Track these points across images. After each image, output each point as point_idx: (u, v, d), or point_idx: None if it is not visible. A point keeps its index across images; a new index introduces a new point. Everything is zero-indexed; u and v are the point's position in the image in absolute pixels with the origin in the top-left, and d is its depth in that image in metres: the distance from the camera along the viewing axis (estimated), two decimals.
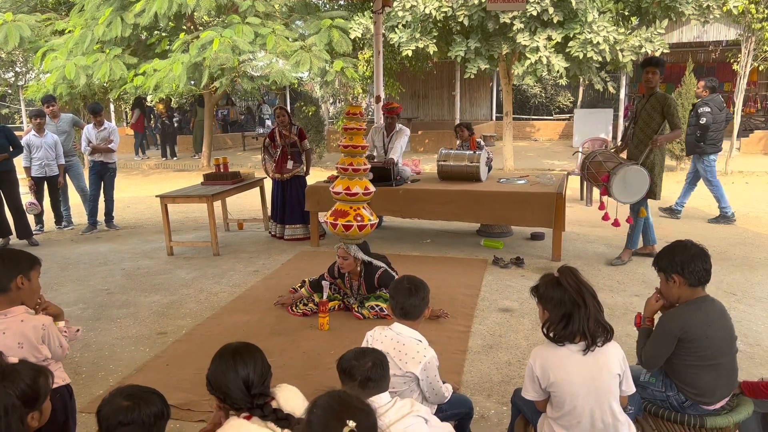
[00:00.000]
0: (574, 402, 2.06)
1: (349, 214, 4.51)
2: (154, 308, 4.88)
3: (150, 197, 10.80)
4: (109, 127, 7.89)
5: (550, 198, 5.76)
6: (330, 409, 1.42)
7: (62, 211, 8.14)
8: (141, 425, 1.65)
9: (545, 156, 14.87)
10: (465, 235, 7.10)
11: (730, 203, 7.65)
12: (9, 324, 2.29)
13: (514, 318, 4.49)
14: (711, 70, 17.72)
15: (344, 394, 1.48)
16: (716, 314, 2.43)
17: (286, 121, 6.90)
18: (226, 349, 1.93)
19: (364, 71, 12.80)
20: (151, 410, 1.67)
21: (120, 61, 11.49)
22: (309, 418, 1.43)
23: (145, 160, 16.41)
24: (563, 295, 2.12)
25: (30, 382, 1.73)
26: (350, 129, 4.58)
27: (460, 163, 6.47)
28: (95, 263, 6.30)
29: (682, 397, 2.41)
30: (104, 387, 3.57)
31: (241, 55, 11.15)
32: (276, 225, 7.12)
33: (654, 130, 5.58)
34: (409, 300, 2.44)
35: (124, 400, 1.66)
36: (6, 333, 2.27)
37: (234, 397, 1.84)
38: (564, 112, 20.81)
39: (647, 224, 5.88)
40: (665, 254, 2.50)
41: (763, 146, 14.13)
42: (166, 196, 6.49)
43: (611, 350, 2.15)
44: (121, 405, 1.65)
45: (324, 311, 4.35)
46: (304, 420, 1.44)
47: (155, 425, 1.68)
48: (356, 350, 2.14)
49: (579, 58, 9.57)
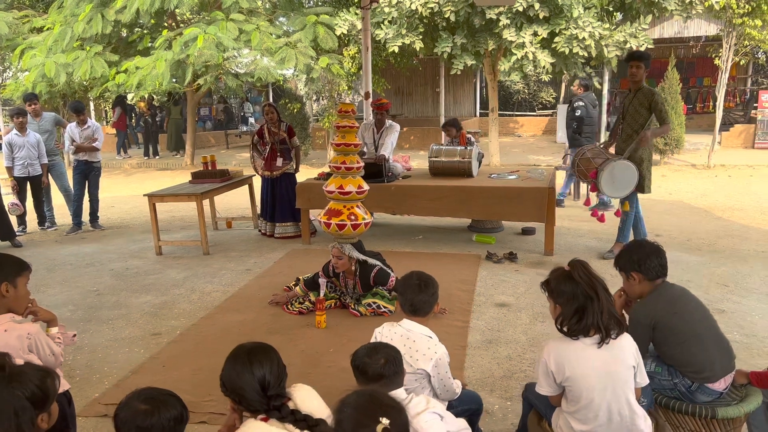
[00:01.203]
0: (590, 395, 2.05)
1: (342, 213, 4.47)
2: (146, 309, 4.80)
3: (134, 196, 10.66)
4: (93, 125, 7.76)
5: (542, 193, 5.78)
6: (361, 407, 1.39)
7: (45, 211, 7.99)
8: (160, 429, 1.60)
9: (530, 151, 14.94)
10: (456, 230, 7.10)
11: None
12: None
13: (511, 313, 4.49)
14: (691, 65, 17.98)
15: (374, 392, 1.45)
16: (677, 294, 2.58)
17: (275, 118, 6.83)
18: (240, 350, 1.88)
19: (350, 68, 12.73)
20: (171, 414, 1.62)
21: (101, 59, 11.29)
22: (339, 418, 1.40)
23: (127, 159, 16.19)
24: (576, 289, 2.11)
25: (38, 384, 1.68)
26: (343, 127, 4.53)
27: (451, 159, 6.46)
28: (82, 264, 6.18)
29: (687, 381, 2.45)
30: (100, 390, 3.49)
31: (226, 52, 11.01)
32: (266, 223, 7.05)
33: (641, 125, 5.61)
34: (418, 296, 2.41)
35: (142, 404, 1.61)
36: None
37: (250, 399, 1.78)
38: (547, 108, 20.94)
39: (637, 218, 5.91)
40: (623, 254, 2.67)
41: (742, 140, 14.35)
42: (155, 195, 6.38)
43: (625, 342, 2.15)
44: (139, 409, 1.60)
45: (321, 309, 4.31)
46: (334, 420, 1.41)
47: (174, 429, 1.63)
48: (369, 347, 2.10)
49: (565, 53, 9.62)
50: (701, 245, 6.19)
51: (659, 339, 2.48)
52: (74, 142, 7.51)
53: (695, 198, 8.92)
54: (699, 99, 17.89)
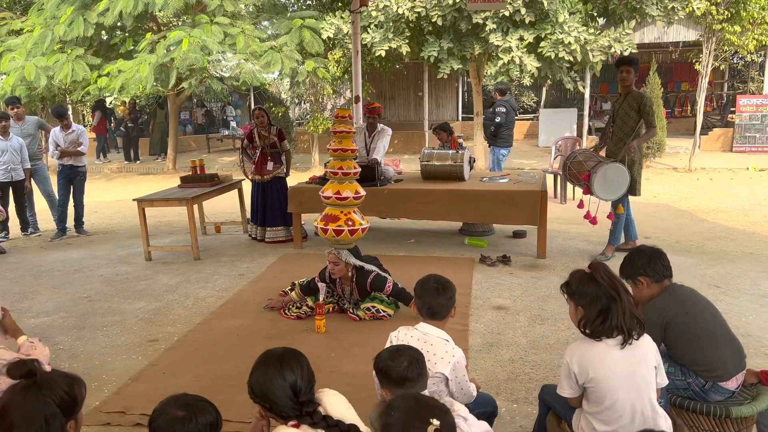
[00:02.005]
0: (614, 397, 2.06)
1: (339, 218, 4.44)
2: (140, 315, 4.72)
3: (117, 201, 10.52)
4: (78, 129, 7.62)
5: (534, 196, 5.82)
6: (410, 410, 1.38)
7: (28, 217, 7.83)
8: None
9: (513, 155, 15.01)
10: (447, 234, 7.11)
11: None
12: None
13: (509, 315, 4.50)
14: (669, 70, 18.28)
15: (419, 395, 1.44)
16: (687, 294, 2.63)
17: (265, 122, 6.78)
18: (270, 355, 1.85)
19: (335, 71, 12.71)
20: (207, 419, 1.59)
21: (82, 62, 11.13)
22: (387, 422, 1.38)
23: (107, 164, 15.95)
24: (598, 290, 2.12)
25: (67, 390, 1.65)
26: (339, 132, 4.51)
27: (443, 163, 6.47)
28: (70, 270, 6.07)
29: (701, 381, 2.48)
30: (99, 398, 3.43)
31: (211, 56, 10.92)
32: (256, 227, 6.99)
33: (632, 128, 5.70)
34: (436, 299, 2.41)
35: (179, 410, 1.58)
36: None
37: (282, 405, 1.75)
38: (528, 113, 21.11)
39: (628, 220, 5.99)
40: (626, 263, 2.72)
41: (721, 144, 14.63)
42: (144, 199, 6.29)
43: (646, 343, 2.16)
44: (176, 415, 1.57)
45: (321, 314, 4.28)
46: (380, 425, 1.39)
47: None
48: (391, 349, 2.09)
49: (551, 58, 9.72)
50: (690, 247, 6.28)
51: (672, 339, 2.51)
52: (59, 147, 7.38)
53: (679, 201, 9.07)
54: (677, 103, 18.19)
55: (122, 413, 3.23)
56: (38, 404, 1.57)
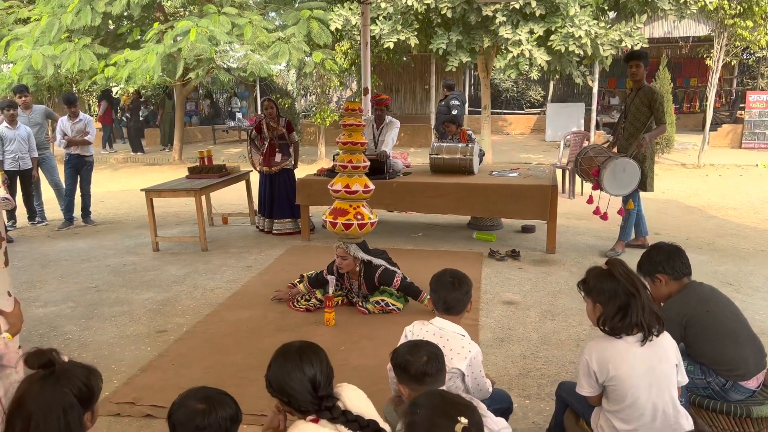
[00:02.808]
0: (635, 395, 2.02)
1: (348, 212, 4.41)
2: (148, 306, 4.71)
3: (124, 191, 10.51)
4: (85, 118, 7.60)
5: (545, 191, 5.77)
6: (436, 408, 1.35)
7: (35, 206, 7.82)
8: (217, 429, 1.55)
9: (520, 150, 14.98)
10: (456, 228, 7.07)
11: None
12: None
13: (519, 310, 4.47)
14: (678, 65, 18.13)
15: (445, 393, 1.40)
16: (707, 292, 2.59)
17: (274, 113, 6.75)
18: (289, 348, 1.82)
19: (342, 63, 12.64)
20: (227, 413, 1.57)
21: (90, 51, 11.05)
22: (412, 420, 1.35)
23: (113, 154, 15.93)
24: (617, 287, 2.08)
25: (85, 381, 1.62)
26: (349, 125, 4.47)
27: (453, 156, 6.43)
28: (77, 260, 6.05)
29: (721, 380, 2.44)
30: (109, 388, 3.40)
31: (218, 46, 10.86)
32: (263, 219, 6.96)
33: (643, 123, 5.64)
34: (452, 294, 2.37)
35: (198, 403, 1.55)
36: None
37: (301, 400, 1.72)
38: (535, 107, 21.01)
39: (639, 216, 5.94)
40: (644, 260, 2.66)
41: (730, 140, 14.52)
42: (152, 190, 6.26)
43: (666, 340, 2.13)
44: (196, 408, 1.54)
45: (330, 306, 4.25)
46: (405, 423, 1.36)
47: (230, 430, 1.57)
48: (409, 344, 2.06)
49: (561, 51, 9.64)
50: (701, 244, 6.23)
51: (692, 337, 2.47)
52: (66, 136, 7.35)
53: (688, 197, 9.00)
54: (686, 99, 18.06)
55: (132, 404, 3.22)
56: (56, 395, 1.55)
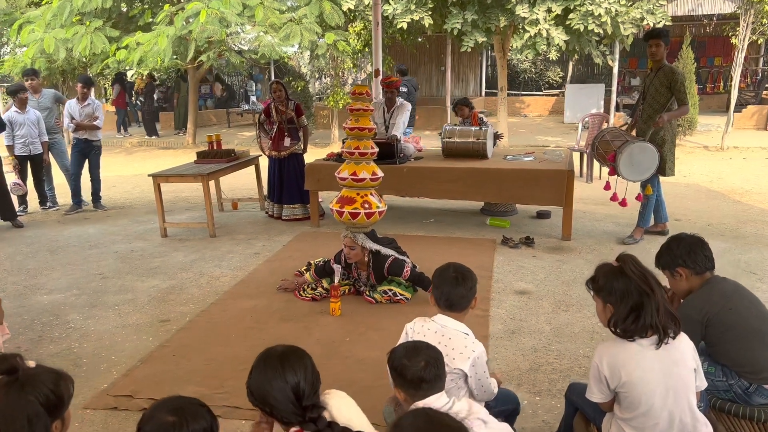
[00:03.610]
0: (650, 402, 1.87)
1: (356, 201, 4.27)
2: (153, 294, 4.63)
3: (136, 176, 10.46)
4: (93, 103, 7.51)
5: (561, 175, 5.58)
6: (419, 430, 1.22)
7: (46, 190, 7.79)
8: None
9: (538, 132, 14.70)
10: (468, 214, 6.91)
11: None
12: None
13: (532, 301, 4.32)
14: (702, 44, 17.61)
15: (431, 411, 1.28)
16: (731, 288, 2.42)
17: (283, 97, 6.60)
18: (270, 354, 1.69)
19: (355, 45, 12.43)
20: (200, 425, 1.45)
21: (101, 34, 10.98)
22: None
23: (127, 138, 15.94)
24: (629, 285, 1.91)
25: (53, 388, 1.51)
26: (356, 110, 4.31)
27: (465, 140, 6.25)
28: (85, 246, 6.01)
29: (744, 383, 2.28)
30: (108, 380, 3.33)
31: (229, 28, 10.72)
32: (273, 205, 6.86)
33: (662, 105, 5.40)
34: (455, 290, 2.23)
35: (168, 415, 1.44)
36: None
37: (283, 410, 1.60)
38: (553, 88, 20.61)
39: (659, 201, 5.73)
40: (664, 252, 2.50)
41: (755, 121, 14.10)
42: (159, 175, 6.18)
43: (683, 342, 1.96)
44: (166, 421, 1.43)
45: (336, 296, 4.14)
46: None
47: None
48: (407, 346, 1.92)
49: (579, 30, 9.34)
50: (723, 230, 6.01)
51: (713, 336, 2.31)
52: (74, 120, 7.28)
53: (711, 181, 8.73)
54: (710, 79, 17.56)
55: (129, 397, 3.14)
56: (20, 403, 1.44)
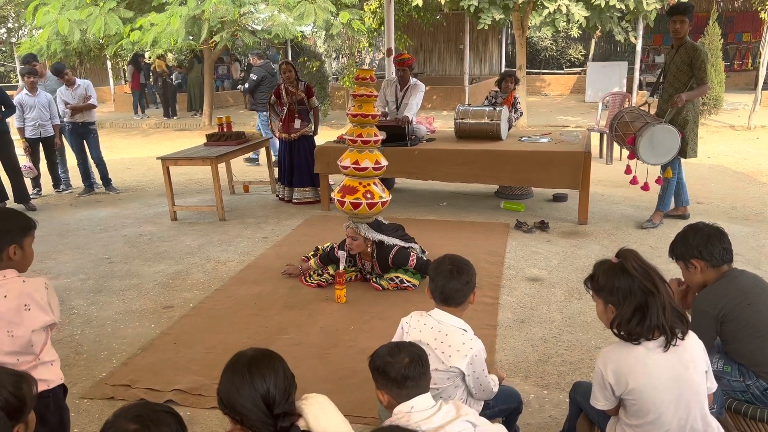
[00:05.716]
0: (659, 409, 1.73)
1: (358, 190, 4.17)
2: (158, 279, 4.59)
3: (151, 158, 10.42)
4: (83, 83, 7.38)
5: (577, 157, 5.39)
6: None
7: (60, 173, 7.79)
8: None
9: (558, 112, 14.38)
10: (482, 197, 6.75)
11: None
12: (10, 287, 2.03)
13: (544, 288, 4.18)
14: (730, 19, 17.02)
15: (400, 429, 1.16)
16: (749, 282, 2.25)
17: (293, 77, 6.47)
18: (238, 360, 1.57)
19: (370, 23, 12.21)
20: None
21: (115, 15, 10.90)
22: None
23: (144, 119, 15.95)
24: (631, 284, 1.76)
25: (13, 390, 1.43)
26: (360, 96, 4.17)
27: (479, 121, 6.07)
28: (95, 229, 5.99)
29: (763, 383, 2.14)
30: (107, 368, 3.29)
31: (242, 7, 10.57)
32: (283, 188, 6.77)
33: (684, 84, 5.16)
34: (450, 283, 2.10)
35: (130, 423, 1.34)
36: (8, 296, 2.01)
37: (253, 419, 1.49)
38: (575, 66, 20.14)
39: (680, 184, 5.52)
40: (679, 241, 2.34)
41: None
42: (168, 158, 6.12)
43: (693, 343, 1.82)
44: (127, 429, 1.33)
45: (341, 283, 4.04)
46: None
47: None
48: (390, 345, 1.82)
49: (600, 6, 9.02)
50: (748, 214, 5.78)
51: (730, 333, 2.16)
52: (68, 105, 7.19)
53: (736, 162, 8.43)
54: (737, 56, 16.98)
55: (127, 386, 3.09)
56: None
